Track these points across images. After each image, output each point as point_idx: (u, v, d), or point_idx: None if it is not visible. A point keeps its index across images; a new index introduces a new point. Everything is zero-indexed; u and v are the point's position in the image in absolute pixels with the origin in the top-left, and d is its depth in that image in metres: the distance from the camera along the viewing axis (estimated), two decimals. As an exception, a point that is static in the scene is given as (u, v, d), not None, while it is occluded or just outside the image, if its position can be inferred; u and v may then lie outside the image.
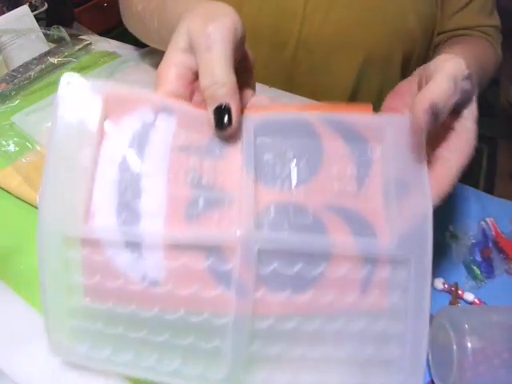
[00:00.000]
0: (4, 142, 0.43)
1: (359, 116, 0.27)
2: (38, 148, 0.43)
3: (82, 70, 0.55)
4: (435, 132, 0.28)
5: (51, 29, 0.57)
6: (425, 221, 0.26)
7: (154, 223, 0.24)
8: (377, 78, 0.56)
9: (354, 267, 0.25)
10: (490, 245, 0.42)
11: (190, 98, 0.28)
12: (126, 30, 0.54)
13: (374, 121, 0.27)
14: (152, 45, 0.50)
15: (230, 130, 0.26)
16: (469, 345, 0.30)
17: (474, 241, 0.42)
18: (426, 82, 0.27)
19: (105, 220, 0.24)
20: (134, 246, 0.24)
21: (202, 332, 0.25)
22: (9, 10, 0.54)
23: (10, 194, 0.40)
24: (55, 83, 0.52)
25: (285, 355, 0.25)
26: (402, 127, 0.26)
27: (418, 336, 0.25)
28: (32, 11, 0.56)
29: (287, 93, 0.53)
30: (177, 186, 0.25)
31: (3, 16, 0.53)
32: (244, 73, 0.32)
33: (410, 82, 0.30)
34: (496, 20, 0.56)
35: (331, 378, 0.25)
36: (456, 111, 0.28)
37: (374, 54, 0.53)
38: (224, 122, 0.26)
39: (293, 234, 0.25)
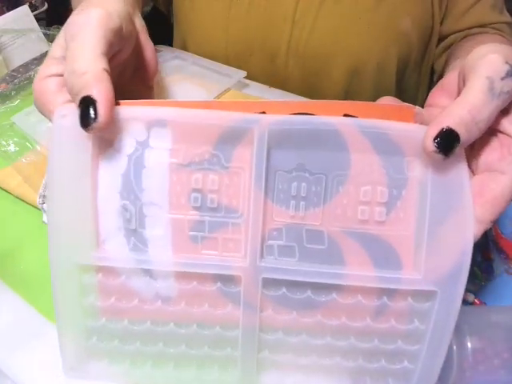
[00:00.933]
0: (4, 142, 0.43)
1: (397, 123, 0.23)
2: (38, 148, 0.43)
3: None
4: (481, 142, 0.23)
5: (51, 29, 0.57)
6: (461, 257, 0.23)
7: (161, 249, 0.24)
8: (371, 83, 0.55)
9: (369, 297, 0.24)
10: (490, 245, 0.42)
11: None
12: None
13: (415, 129, 0.22)
14: None
15: (96, 127, 0.22)
16: (469, 345, 0.30)
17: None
18: (464, 82, 0.24)
19: (115, 248, 0.24)
20: (145, 271, 0.25)
21: (215, 342, 0.26)
22: (9, 9, 0.54)
23: (10, 194, 0.40)
24: (55, 83, 0.53)
25: (294, 362, 0.26)
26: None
27: (434, 355, 0.24)
28: (32, 11, 0.56)
29: (287, 93, 0.53)
30: (179, 209, 0.24)
31: (3, 16, 0.53)
32: (142, 70, 0.30)
33: (455, 75, 0.25)
34: (507, 16, 0.54)
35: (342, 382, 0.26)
36: (505, 111, 0.23)
37: (367, 59, 0.52)
38: (89, 117, 0.21)
39: (302, 263, 0.24)
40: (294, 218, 0.24)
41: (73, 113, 0.23)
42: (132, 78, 0.31)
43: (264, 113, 0.24)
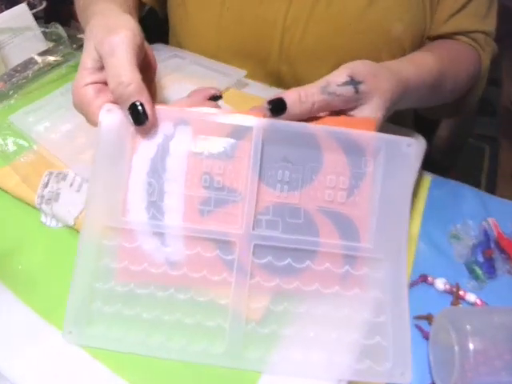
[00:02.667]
0: (2, 142, 0.43)
1: (362, 132, 0.31)
2: (36, 148, 0.42)
3: (80, 68, 0.55)
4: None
5: (49, 27, 0.57)
6: (400, 229, 0.31)
7: (174, 218, 0.30)
8: None
9: (336, 265, 0.30)
10: (492, 245, 0.42)
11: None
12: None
13: (374, 137, 0.31)
14: None
15: (148, 124, 0.30)
16: (471, 346, 0.30)
17: (475, 241, 0.42)
18: None
19: (137, 215, 0.31)
20: (159, 235, 0.30)
21: (207, 311, 0.30)
22: (7, 8, 0.54)
23: (8, 193, 0.39)
24: (53, 82, 0.52)
25: (276, 335, 0.30)
26: (394, 147, 0.31)
27: (400, 327, 0.29)
28: (30, 9, 0.55)
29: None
30: (192, 187, 0.31)
31: (1, 14, 0.53)
32: (147, 70, 0.34)
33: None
34: (489, 25, 0.52)
35: (320, 356, 0.29)
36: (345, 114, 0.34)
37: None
38: (141, 118, 0.29)
39: (285, 233, 0.30)
40: (279, 198, 0.31)
41: (116, 110, 0.30)
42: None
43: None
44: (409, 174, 0.31)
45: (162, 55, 0.56)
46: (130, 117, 0.29)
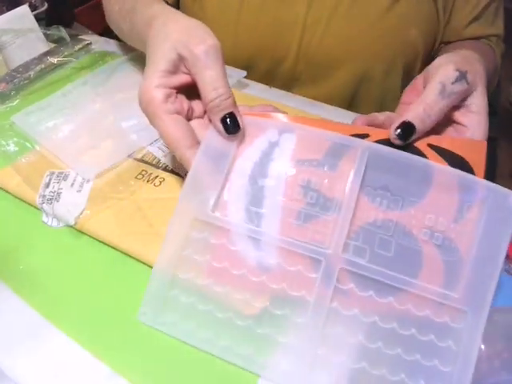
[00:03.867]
0: (4, 142, 0.43)
1: (474, 177, 0.30)
2: (38, 148, 0.43)
3: (81, 69, 0.55)
4: (441, 130, 0.33)
5: (51, 29, 0.57)
6: (490, 284, 0.29)
7: (270, 226, 0.30)
8: (377, 88, 0.55)
9: (418, 308, 0.29)
10: (491, 245, 0.42)
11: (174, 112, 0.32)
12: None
13: (484, 185, 0.30)
14: (128, 43, 0.51)
15: (239, 134, 0.31)
16: (482, 347, 0.30)
17: (474, 241, 0.42)
18: (424, 86, 0.33)
19: (234, 215, 0.31)
20: (249, 238, 0.31)
21: (280, 325, 0.29)
22: (8, 9, 0.54)
23: (10, 193, 0.40)
24: (55, 83, 0.53)
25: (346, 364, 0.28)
26: (500, 198, 0.29)
27: (462, 379, 0.28)
28: (32, 11, 0.56)
29: (287, 92, 0.53)
30: (291, 196, 0.31)
31: (3, 16, 0.53)
32: None
33: (421, 79, 0.35)
34: (497, 28, 0.56)
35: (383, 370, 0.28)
36: (457, 106, 0.33)
37: (374, 67, 0.52)
38: (233, 128, 0.31)
39: (372, 263, 0.29)
40: (372, 224, 0.30)
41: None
42: None
43: (365, 135, 0.32)
44: (509, 226, 0.29)
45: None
46: (221, 126, 0.31)
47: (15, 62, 0.54)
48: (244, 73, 0.52)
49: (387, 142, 0.31)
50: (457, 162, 0.31)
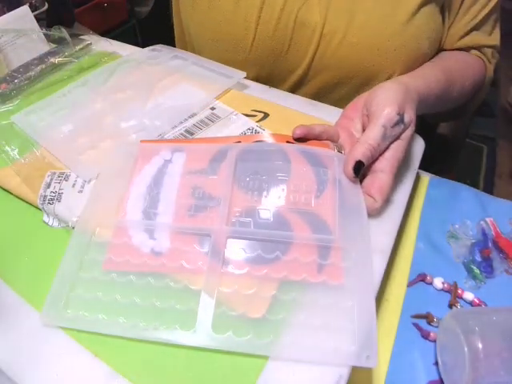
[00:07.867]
0: (4, 142, 0.43)
1: (323, 149, 0.39)
2: (38, 148, 0.43)
3: (82, 70, 0.55)
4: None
5: (51, 29, 0.57)
6: (361, 224, 0.35)
7: (164, 219, 0.36)
8: None
9: (307, 253, 0.33)
10: (490, 245, 0.42)
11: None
12: (126, 30, 0.54)
13: (329, 154, 0.39)
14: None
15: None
16: (480, 346, 0.30)
17: (473, 241, 0.43)
18: (368, 118, 0.39)
19: (133, 217, 0.36)
20: (146, 231, 0.35)
21: (181, 296, 0.32)
22: (9, 10, 0.54)
23: (10, 193, 0.40)
24: (55, 83, 0.53)
25: (244, 317, 0.31)
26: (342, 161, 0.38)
27: (365, 312, 0.30)
28: (32, 11, 0.56)
29: (287, 93, 0.53)
30: (182, 197, 0.37)
31: (3, 16, 0.53)
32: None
33: (363, 100, 0.41)
34: (495, 39, 0.56)
35: (288, 339, 0.30)
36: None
37: (384, 78, 0.52)
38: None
39: (255, 229, 0.35)
40: (250, 202, 0.36)
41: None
42: None
43: (239, 141, 0.41)
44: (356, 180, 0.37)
45: (162, 56, 0.56)
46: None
47: (16, 63, 0.54)
48: (244, 74, 0.52)
49: (252, 144, 0.40)
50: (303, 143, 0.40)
